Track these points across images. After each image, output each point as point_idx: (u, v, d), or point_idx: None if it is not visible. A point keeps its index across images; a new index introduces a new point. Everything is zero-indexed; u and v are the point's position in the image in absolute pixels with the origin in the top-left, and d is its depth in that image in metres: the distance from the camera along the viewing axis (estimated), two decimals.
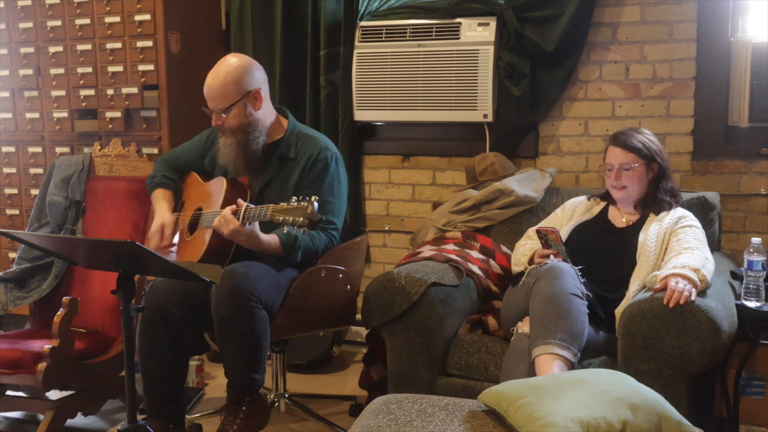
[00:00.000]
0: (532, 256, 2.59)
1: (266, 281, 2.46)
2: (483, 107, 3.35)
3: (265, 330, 2.44)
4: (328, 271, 2.66)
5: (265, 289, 2.44)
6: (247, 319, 2.38)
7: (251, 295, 2.38)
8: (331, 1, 3.61)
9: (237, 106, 2.59)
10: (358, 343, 3.80)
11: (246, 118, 2.60)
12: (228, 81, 2.58)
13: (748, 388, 2.43)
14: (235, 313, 2.37)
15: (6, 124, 3.88)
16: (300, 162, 2.65)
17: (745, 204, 3.13)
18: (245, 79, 2.60)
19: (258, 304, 2.40)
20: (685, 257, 2.36)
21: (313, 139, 2.71)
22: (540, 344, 2.20)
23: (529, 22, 3.28)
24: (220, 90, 2.58)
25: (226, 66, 2.61)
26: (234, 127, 2.60)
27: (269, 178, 2.67)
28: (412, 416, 1.82)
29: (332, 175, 2.65)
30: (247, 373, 2.45)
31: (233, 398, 2.49)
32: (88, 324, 3.04)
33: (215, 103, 2.60)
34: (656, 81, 3.22)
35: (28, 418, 3.11)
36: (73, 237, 3.10)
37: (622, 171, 2.59)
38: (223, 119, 2.61)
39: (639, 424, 1.69)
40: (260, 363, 2.47)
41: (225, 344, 2.45)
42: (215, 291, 2.41)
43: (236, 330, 2.40)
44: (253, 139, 2.62)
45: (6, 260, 3.86)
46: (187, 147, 2.92)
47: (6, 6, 3.79)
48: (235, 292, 2.36)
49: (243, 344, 2.42)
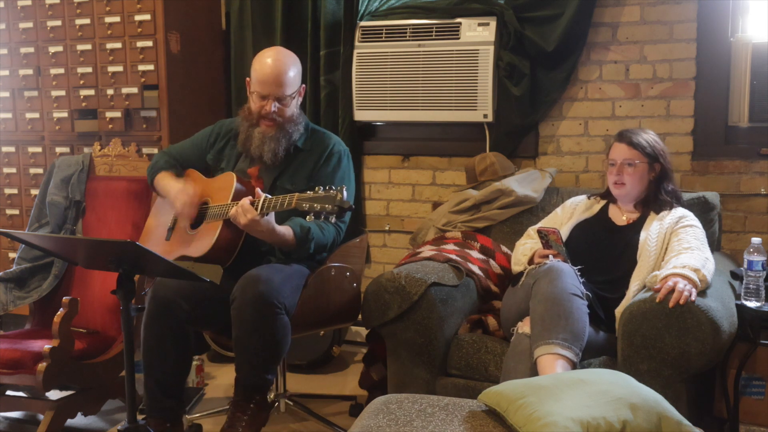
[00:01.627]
0: (532, 255, 2.59)
1: (288, 285, 2.48)
2: (483, 107, 3.35)
3: (287, 335, 2.45)
4: (337, 269, 2.70)
5: (288, 293, 2.45)
6: (271, 326, 2.39)
7: (277, 302, 2.38)
8: (331, 1, 3.61)
9: (294, 96, 2.66)
10: (358, 343, 3.80)
11: (296, 109, 2.69)
12: (293, 71, 2.65)
13: (748, 388, 2.43)
14: (259, 320, 2.37)
15: (6, 124, 3.88)
16: (313, 154, 2.69)
17: (745, 204, 3.13)
18: (300, 73, 2.70)
19: (282, 311, 2.41)
20: (686, 257, 2.36)
21: (325, 134, 2.78)
22: (542, 344, 2.20)
23: (529, 22, 3.28)
24: (288, 77, 2.63)
25: (287, 56, 2.68)
26: (288, 117, 2.65)
27: (281, 169, 2.69)
28: (412, 416, 1.82)
29: (344, 170, 2.71)
30: (262, 375, 2.46)
31: (243, 396, 2.47)
32: (88, 324, 3.04)
33: (282, 90, 2.62)
34: (656, 81, 3.22)
35: (28, 418, 3.11)
36: (73, 237, 3.10)
37: (625, 167, 2.60)
38: (281, 106, 2.63)
39: (639, 424, 1.69)
40: (276, 365, 2.50)
41: (244, 346, 2.44)
42: (239, 296, 2.39)
43: (259, 335, 2.40)
44: (296, 130, 2.68)
45: (6, 260, 3.86)
46: (189, 143, 2.92)
47: (6, 6, 3.79)
48: (261, 300, 2.36)
49: (263, 348, 2.42)
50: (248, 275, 2.43)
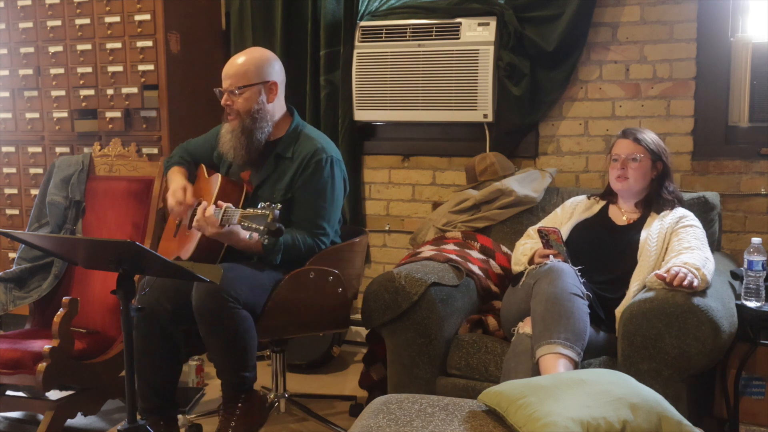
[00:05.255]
0: (533, 255, 2.59)
1: (247, 282, 2.48)
2: (483, 107, 3.35)
3: (249, 329, 2.45)
4: (317, 272, 2.63)
5: (245, 289, 2.45)
6: (228, 319, 2.40)
7: (228, 295, 2.38)
8: (331, 1, 3.61)
9: (251, 89, 2.62)
10: (358, 343, 3.80)
11: (257, 105, 2.63)
12: (250, 64, 2.63)
13: (748, 388, 2.43)
14: (215, 313, 2.39)
15: (6, 124, 3.88)
16: (295, 162, 2.65)
17: (745, 204, 3.13)
18: (266, 68, 2.65)
19: (237, 304, 2.41)
20: (686, 256, 2.36)
21: (311, 140, 2.69)
22: (544, 344, 2.20)
23: (529, 22, 3.28)
24: (240, 69, 2.62)
25: (253, 51, 2.69)
26: (243, 110, 2.62)
27: (265, 175, 2.68)
28: (412, 416, 1.82)
29: (326, 178, 2.64)
30: (237, 372, 2.47)
31: (227, 397, 2.51)
32: (88, 324, 3.04)
33: (231, 81, 2.62)
34: (656, 81, 3.22)
35: (28, 418, 3.11)
36: (73, 237, 3.10)
37: (629, 161, 2.60)
38: (233, 99, 2.62)
39: (639, 424, 1.69)
40: (249, 361, 2.48)
41: (211, 344, 2.48)
42: (195, 292, 2.42)
43: (219, 330, 2.42)
44: (259, 128, 2.64)
45: (6, 260, 3.86)
46: (202, 139, 2.94)
47: (6, 6, 3.79)
48: (213, 293, 2.37)
49: (228, 344, 2.44)
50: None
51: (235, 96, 2.62)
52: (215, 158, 2.84)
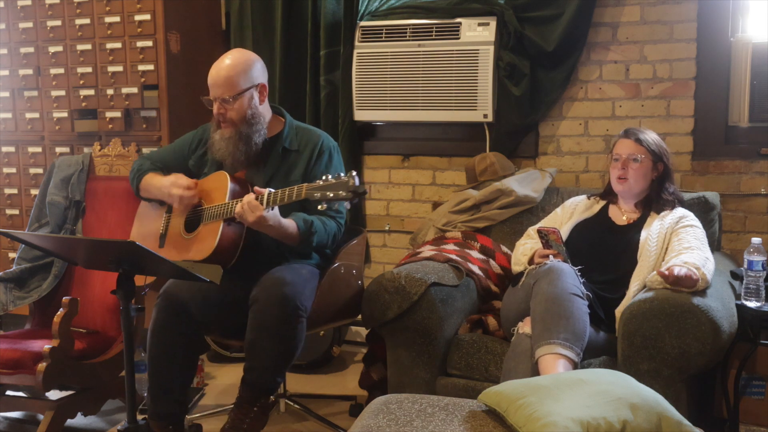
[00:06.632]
0: (533, 255, 2.59)
1: (308, 288, 2.49)
2: (483, 107, 3.35)
3: (303, 338, 2.45)
4: (346, 267, 2.74)
5: (308, 296, 2.46)
6: (292, 329, 2.39)
7: (301, 304, 2.38)
8: (331, 1, 3.61)
9: (244, 96, 2.60)
10: (358, 343, 3.80)
11: (251, 109, 2.61)
12: (239, 70, 2.59)
13: (748, 388, 2.44)
14: (281, 323, 2.37)
15: (6, 124, 3.88)
16: (304, 152, 2.67)
17: (745, 204, 3.13)
18: (254, 72, 2.63)
19: (305, 314, 2.41)
20: (686, 256, 2.36)
21: (310, 130, 2.75)
22: (543, 344, 2.20)
23: (529, 22, 3.28)
24: (229, 78, 2.58)
25: (236, 57, 2.63)
26: (238, 118, 2.60)
27: (272, 172, 2.67)
28: (412, 416, 1.82)
29: (336, 165, 2.69)
30: (273, 377, 2.45)
31: (249, 396, 2.44)
32: (88, 324, 3.04)
33: (222, 91, 2.59)
34: (656, 81, 3.22)
35: (28, 418, 3.11)
36: (73, 237, 3.10)
37: (630, 161, 2.60)
38: (226, 108, 2.60)
39: (639, 424, 1.68)
40: (287, 368, 2.49)
41: (259, 348, 2.41)
42: (263, 299, 2.38)
43: (278, 338, 2.39)
44: (256, 132, 2.63)
45: (6, 260, 3.86)
46: (170, 149, 2.90)
47: (6, 6, 3.79)
48: (286, 303, 2.36)
49: (280, 351, 2.41)
50: (271, 277, 2.42)
51: (229, 104, 2.59)
52: (192, 166, 2.80)
